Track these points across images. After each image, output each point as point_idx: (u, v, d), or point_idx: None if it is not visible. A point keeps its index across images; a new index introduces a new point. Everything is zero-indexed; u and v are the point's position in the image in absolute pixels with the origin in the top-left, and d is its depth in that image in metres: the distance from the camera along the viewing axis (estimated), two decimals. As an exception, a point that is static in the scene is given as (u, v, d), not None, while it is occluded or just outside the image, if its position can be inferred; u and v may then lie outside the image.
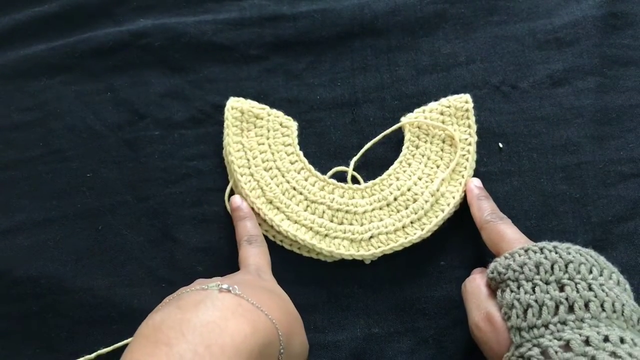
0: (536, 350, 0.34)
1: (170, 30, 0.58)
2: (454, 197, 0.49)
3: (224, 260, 0.49)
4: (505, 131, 0.52)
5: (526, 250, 0.39)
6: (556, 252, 0.38)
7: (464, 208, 0.50)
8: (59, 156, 0.54)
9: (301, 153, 0.52)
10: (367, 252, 0.48)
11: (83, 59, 0.58)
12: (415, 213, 0.49)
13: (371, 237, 0.48)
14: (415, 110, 0.53)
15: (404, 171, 0.51)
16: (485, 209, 0.46)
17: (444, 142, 0.51)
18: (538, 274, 0.37)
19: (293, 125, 0.53)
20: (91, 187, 0.53)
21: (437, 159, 0.51)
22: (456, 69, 0.55)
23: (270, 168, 0.51)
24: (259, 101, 0.54)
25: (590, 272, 0.37)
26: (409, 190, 0.50)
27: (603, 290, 0.36)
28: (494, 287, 0.40)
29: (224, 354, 0.28)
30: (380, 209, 0.50)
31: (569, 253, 0.38)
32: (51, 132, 0.55)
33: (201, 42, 0.57)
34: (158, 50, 0.57)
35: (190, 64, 0.57)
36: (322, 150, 0.53)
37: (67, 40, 0.59)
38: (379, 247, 0.48)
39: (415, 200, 0.49)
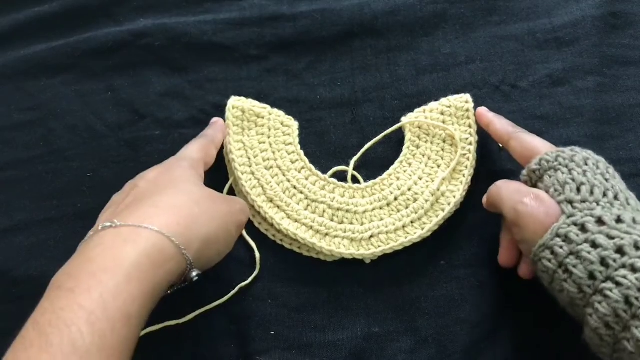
0: (590, 218, 0.37)
1: (171, 30, 0.58)
2: (454, 197, 0.49)
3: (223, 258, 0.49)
4: (505, 130, 0.52)
5: (572, 149, 0.42)
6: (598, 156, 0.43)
7: (464, 208, 0.50)
8: (59, 156, 0.54)
9: (302, 152, 0.52)
10: (368, 251, 0.48)
11: (83, 59, 0.58)
12: (416, 212, 0.49)
13: (371, 236, 0.48)
14: (416, 110, 0.53)
15: (405, 171, 0.51)
16: (507, 123, 0.48)
17: (444, 141, 0.52)
18: (586, 165, 0.41)
19: (294, 124, 0.53)
20: (91, 187, 0.53)
21: (438, 159, 0.51)
22: (456, 69, 0.55)
23: (271, 167, 0.51)
24: (259, 101, 0.54)
25: (621, 182, 0.42)
26: (409, 189, 0.50)
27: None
28: (535, 180, 0.42)
29: (111, 273, 0.34)
30: (381, 208, 0.50)
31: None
32: (51, 132, 0.55)
33: (201, 42, 0.58)
34: (158, 50, 0.57)
35: (190, 64, 0.57)
36: (323, 149, 0.53)
37: (67, 40, 0.59)
38: (379, 246, 0.48)
39: (415, 200, 0.49)
